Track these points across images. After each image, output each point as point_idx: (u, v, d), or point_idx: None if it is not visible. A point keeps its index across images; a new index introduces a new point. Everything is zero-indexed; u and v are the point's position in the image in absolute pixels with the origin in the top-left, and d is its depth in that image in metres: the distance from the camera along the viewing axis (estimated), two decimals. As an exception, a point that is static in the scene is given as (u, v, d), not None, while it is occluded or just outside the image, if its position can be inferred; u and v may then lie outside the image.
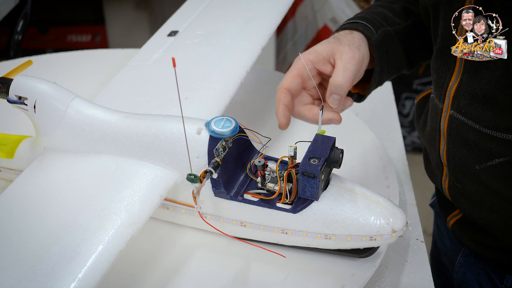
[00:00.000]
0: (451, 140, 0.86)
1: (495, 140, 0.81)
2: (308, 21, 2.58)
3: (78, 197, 0.76)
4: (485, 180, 0.84)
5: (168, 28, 1.10)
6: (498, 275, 0.95)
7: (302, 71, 0.82)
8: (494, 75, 0.78)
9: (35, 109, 0.82)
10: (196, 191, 0.71)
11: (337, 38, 0.85)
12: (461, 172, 0.87)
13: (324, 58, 0.83)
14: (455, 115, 0.85)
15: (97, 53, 1.34)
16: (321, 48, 0.83)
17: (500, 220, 0.87)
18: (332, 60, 0.83)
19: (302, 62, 0.82)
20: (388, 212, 0.74)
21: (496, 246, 0.91)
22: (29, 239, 0.71)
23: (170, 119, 0.79)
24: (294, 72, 0.82)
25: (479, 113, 0.81)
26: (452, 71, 0.84)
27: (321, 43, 0.85)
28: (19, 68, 0.90)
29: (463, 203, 0.91)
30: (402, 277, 0.84)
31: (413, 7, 0.95)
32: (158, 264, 0.80)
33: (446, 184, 0.93)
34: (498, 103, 0.79)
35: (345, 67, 0.80)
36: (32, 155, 0.86)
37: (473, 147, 0.84)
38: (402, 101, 2.56)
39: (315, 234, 0.76)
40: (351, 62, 0.81)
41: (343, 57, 0.81)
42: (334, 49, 0.83)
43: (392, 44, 0.90)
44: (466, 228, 0.95)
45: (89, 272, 0.66)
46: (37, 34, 2.65)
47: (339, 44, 0.83)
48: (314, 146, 0.75)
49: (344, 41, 0.84)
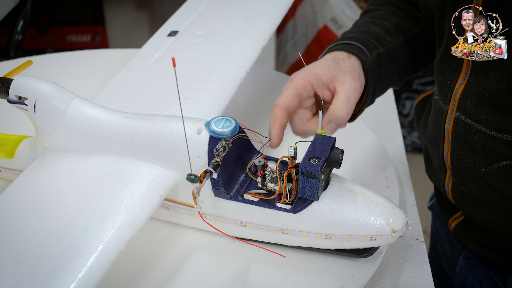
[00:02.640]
0: (456, 143, 0.86)
1: (502, 143, 0.80)
2: (308, 21, 2.58)
3: (78, 197, 0.76)
4: (490, 183, 0.84)
5: (168, 28, 1.10)
6: (500, 277, 0.94)
7: (300, 91, 0.81)
8: (503, 77, 0.77)
9: (35, 109, 0.82)
10: (196, 191, 0.71)
11: (337, 62, 0.84)
12: (465, 174, 0.87)
13: (323, 83, 0.82)
14: (460, 117, 0.84)
15: (97, 53, 1.33)
16: (321, 72, 0.82)
17: (504, 222, 0.86)
18: (331, 86, 0.82)
19: (301, 82, 0.81)
20: (388, 212, 0.74)
21: (499, 248, 0.91)
22: (29, 239, 0.71)
23: (170, 119, 0.79)
24: (293, 92, 0.81)
25: (486, 115, 0.81)
26: (459, 73, 0.83)
27: (320, 65, 0.84)
28: (19, 68, 0.90)
29: (466, 205, 0.90)
30: (402, 277, 0.84)
31: (404, 23, 0.95)
32: (158, 264, 0.80)
33: (449, 186, 0.92)
34: (506, 106, 0.78)
35: (348, 99, 0.80)
36: (32, 155, 0.86)
37: (479, 149, 0.83)
38: (402, 101, 2.56)
39: (315, 234, 0.76)
40: (354, 93, 0.81)
41: (345, 86, 0.80)
42: (335, 76, 0.82)
43: (384, 65, 0.89)
44: (468, 230, 0.94)
45: (89, 272, 0.66)
46: (37, 34, 2.65)
47: (339, 71, 0.82)
48: (314, 146, 0.74)
49: (344, 68, 0.83)
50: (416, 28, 0.95)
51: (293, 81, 0.82)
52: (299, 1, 2.60)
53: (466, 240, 0.96)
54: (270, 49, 2.39)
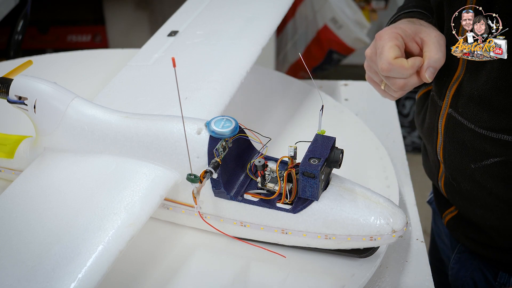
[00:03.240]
0: (448, 138, 0.87)
1: (490, 141, 0.81)
2: (308, 21, 2.57)
3: (78, 197, 0.76)
4: (479, 179, 0.85)
5: (168, 28, 1.10)
6: (491, 272, 0.95)
7: (395, 41, 0.80)
8: (491, 77, 0.78)
9: (35, 109, 0.82)
10: (196, 191, 0.71)
11: (413, 21, 0.85)
12: (456, 170, 0.88)
13: (410, 36, 0.82)
14: (452, 113, 0.86)
15: (97, 53, 1.33)
16: (405, 26, 0.83)
17: (494, 219, 0.87)
18: (417, 38, 0.82)
19: (392, 34, 0.80)
20: (388, 212, 0.74)
21: (489, 244, 0.92)
22: (29, 239, 0.71)
23: (170, 119, 0.79)
24: (391, 43, 0.79)
25: (475, 113, 0.82)
26: (454, 70, 0.84)
27: (402, 23, 0.84)
28: (19, 68, 0.91)
29: (458, 200, 0.92)
30: (402, 277, 0.84)
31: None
32: (158, 264, 0.80)
33: (442, 181, 0.93)
34: (494, 105, 0.79)
35: (439, 43, 0.80)
36: (32, 155, 0.86)
37: (468, 146, 0.84)
38: (402, 101, 2.55)
39: (315, 234, 0.76)
40: (442, 39, 0.81)
41: (431, 35, 0.81)
42: (419, 29, 0.82)
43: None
44: (461, 225, 0.95)
45: (89, 272, 0.66)
46: (37, 34, 2.64)
47: (421, 25, 0.83)
48: (314, 146, 0.74)
49: (423, 23, 0.84)
50: None
51: (383, 37, 0.81)
52: (299, 1, 2.59)
53: (459, 234, 0.97)
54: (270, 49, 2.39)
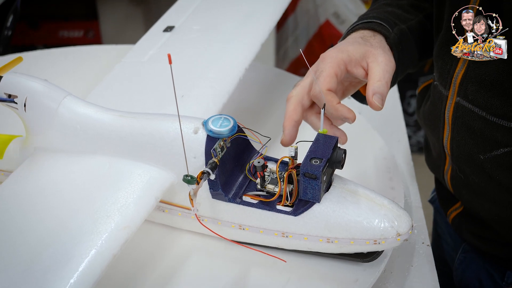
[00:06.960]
0: (456, 128, 0.87)
1: (502, 129, 0.81)
2: (310, 15, 2.58)
3: (70, 199, 0.76)
4: (489, 171, 0.85)
5: (164, 24, 1.11)
6: (498, 272, 0.95)
7: (336, 70, 0.79)
8: (503, 60, 0.78)
9: (25, 108, 0.81)
10: (193, 193, 0.71)
11: (365, 39, 0.84)
12: (464, 161, 0.88)
13: (356, 60, 0.80)
14: (461, 102, 0.85)
15: (90, 50, 1.34)
16: (353, 49, 0.81)
17: (502, 213, 0.87)
18: (364, 63, 0.80)
19: (335, 61, 0.79)
20: (393, 215, 0.73)
21: (497, 240, 0.92)
22: (18, 243, 0.71)
23: (166, 118, 0.78)
24: (331, 72, 0.79)
25: (486, 100, 0.82)
26: (457, 61, 0.84)
27: (351, 43, 0.83)
28: (8, 65, 0.90)
29: (465, 194, 0.92)
30: (407, 282, 0.84)
31: (421, 2, 0.95)
32: (153, 269, 0.80)
33: (448, 174, 0.93)
34: (506, 90, 0.79)
35: (384, 70, 0.78)
36: (22, 155, 0.85)
37: (478, 135, 0.84)
38: (408, 100, 2.55)
39: (317, 238, 0.75)
40: (389, 64, 0.79)
41: (378, 60, 0.79)
42: (368, 52, 0.80)
43: (407, 42, 0.89)
44: (466, 221, 0.95)
45: (82, 277, 0.66)
46: (27, 30, 2.65)
47: (370, 46, 0.82)
48: (316, 146, 0.74)
49: (374, 43, 0.83)
50: (432, 8, 0.95)
51: (325, 61, 0.80)
52: (300, -5, 2.61)
53: (464, 232, 0.97)
54: (270, 45, 2.42)
